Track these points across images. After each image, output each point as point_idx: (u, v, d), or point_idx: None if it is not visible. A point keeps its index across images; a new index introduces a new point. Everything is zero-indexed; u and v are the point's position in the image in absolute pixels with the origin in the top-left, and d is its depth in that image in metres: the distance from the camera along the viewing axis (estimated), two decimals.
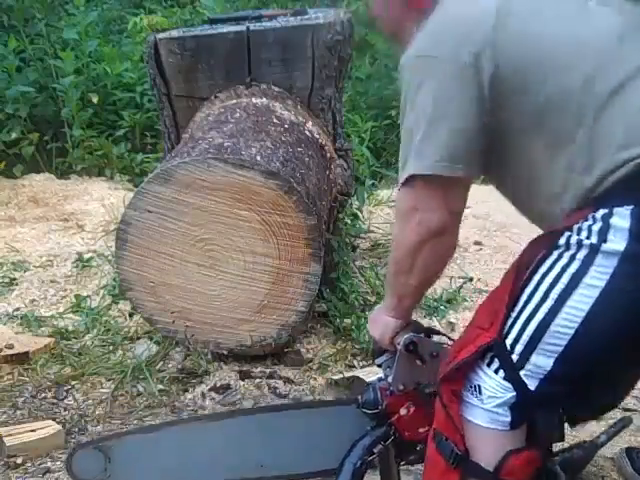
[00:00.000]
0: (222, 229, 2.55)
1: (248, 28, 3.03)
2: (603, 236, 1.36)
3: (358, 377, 2.50)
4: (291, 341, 2.75)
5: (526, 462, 1.51)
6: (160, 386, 2.56)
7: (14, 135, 4.85)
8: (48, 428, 2.30)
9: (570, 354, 1.41)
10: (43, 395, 2.56)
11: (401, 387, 1.72)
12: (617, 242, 1.35)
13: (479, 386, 1.49)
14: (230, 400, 2.50)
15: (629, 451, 2.14)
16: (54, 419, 2.39)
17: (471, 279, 3.41)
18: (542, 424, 1.54)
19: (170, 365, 2.68)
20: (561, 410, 1.62)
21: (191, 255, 2.59)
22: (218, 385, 2.58)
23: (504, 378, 1.46)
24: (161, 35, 3.09)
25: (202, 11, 5.29)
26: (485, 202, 4.11)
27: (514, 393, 1.46)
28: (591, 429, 2.32)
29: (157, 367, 2.66)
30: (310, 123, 3.05)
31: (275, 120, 2.92)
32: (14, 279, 3.39)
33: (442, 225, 1.52)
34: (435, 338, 1.82)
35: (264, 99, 3.03)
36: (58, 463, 2.21)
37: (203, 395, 2.54)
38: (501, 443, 1.49)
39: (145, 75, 4.35)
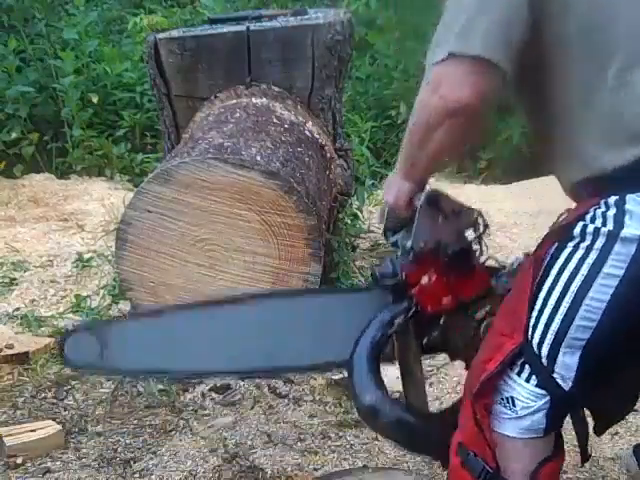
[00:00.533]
0: (222, 229, 2.55)
1: (248, 28, 3.03)
2: (620, 222, 1.34)
3: None
4: None
5: (557, 469, 1.49)
6: (160, 386, 2.56)
7: (14, 135, 4.85)
8: (48, 428, 2.30)
9: (595, 348, 1.39)
10: (43, 395, 2.56)
11: (422, 245, 1.62)
12: (635, 227, 1.33)
13: (512, 398, 1.45)
14: (230, 400, 2.50)
15: (637, 449, 2.11)
16: (54, 419, 2.39)
17: None
18: (576, 423, 1.51)
19: None
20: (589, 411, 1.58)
21: (191, 255, 2.59)
22: (218, 385, 2.58)
23: (537, 385, 1.43)
24: (161, 35, 3.09)
25: (202, 11, 5.30)
26: (485, 202, 4.11)
27: (548, 398, 1.43)
28: (591, 429, 2.32)
29: None
30: (310, 123, 3.05)
31: (275, 120, 2.92)
32: (14, 279, 3.39)
33: (465, 104, 1.44)
34: None
35: (264, 99, 3.02)
36: (58, 463, 2.21)
37: (203, 395, 2.54)
38: (533, 453, 1.46)
39: (145, 75, 4.35)
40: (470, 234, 1.65)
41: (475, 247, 1.68)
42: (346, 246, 3.14)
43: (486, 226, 1.68)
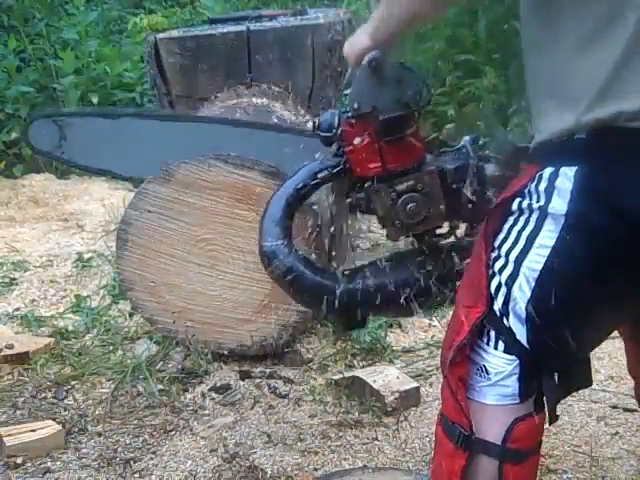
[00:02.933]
0: (222, 229, 2.56)
1: (248, 28, 3.04)
2: (549, 197, 1.36)
3: (358, 377, 2.50)
4: (291, 341, 2.75)
5: (533, 427, 1.50)
6: (160, 386, 2.56)
7: (14, 135, 4.86)
8: (48, 428, 2.30)
9: (533, 317, 1.41)
10: (43, 395, 2.56)
11: (356, 106, 1.64)
12: (560, 204, 1.34)
13: (484, 366, 1.48)
14: (230, 400, 2.50)
15: None
16: (54, 419, 2.39)
17: None
18: (547, 389, 1.51)
19: (170, 365, 2.68)
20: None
21: (191, 255, 2.59)
22: (218, 385, 2.58)
23: (504, 351, 1.45)
24: (161, 35, 3.10)
25: (202, 11, 5.30)
26: None
27: (517, 362, 1.45)
28: (591, 429, 2.33)
29: (157, 367, 2.66)
30: (310, 123, 3.05)
31: (275, 120, 2.92)
32: (14, 279, 3.39)
33: None
34: None
35: (264, 99, 3.03)
36: (58, 463, 2.21)
37: (203, 395, 2.54)
38: (509, 415, 1.48)
39: (145, 75, 4.36)
40: (411, 104, 1.64)
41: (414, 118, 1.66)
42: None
43: (429, 99, 1.67)
